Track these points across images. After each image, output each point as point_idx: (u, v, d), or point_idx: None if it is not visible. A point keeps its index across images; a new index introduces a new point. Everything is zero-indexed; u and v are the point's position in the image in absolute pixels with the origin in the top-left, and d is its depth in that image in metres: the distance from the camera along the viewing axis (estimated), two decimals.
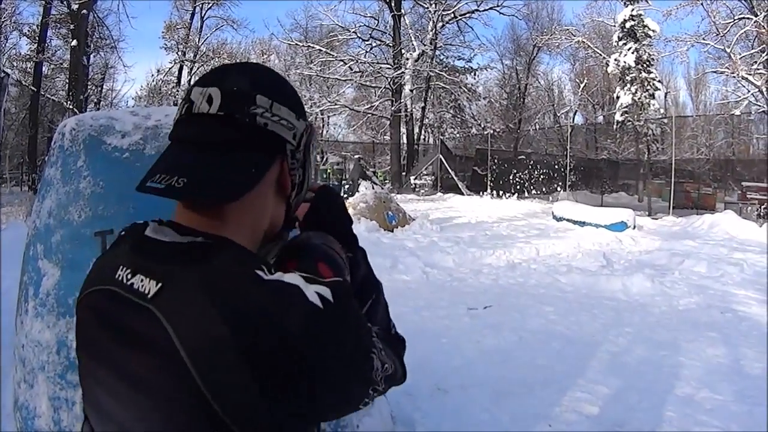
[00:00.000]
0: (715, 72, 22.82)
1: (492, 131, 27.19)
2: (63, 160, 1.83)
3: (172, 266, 0.69)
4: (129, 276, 0.71)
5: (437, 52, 29.50)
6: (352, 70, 29.14)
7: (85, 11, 22.66)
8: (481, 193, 22.06)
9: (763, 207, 14.30)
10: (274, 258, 0.83)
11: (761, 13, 18.50)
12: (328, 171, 25.98)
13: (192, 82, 0.78)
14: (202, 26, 33.66)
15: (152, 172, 0.70)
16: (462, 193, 22.37)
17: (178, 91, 32.66)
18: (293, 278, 0.68)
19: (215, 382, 0.62)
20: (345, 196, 12.45)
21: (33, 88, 23.24)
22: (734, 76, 19.89)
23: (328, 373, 0.66)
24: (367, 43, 29.48)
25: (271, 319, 0.64)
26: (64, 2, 23.42)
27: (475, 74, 30.49)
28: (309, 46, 31.11)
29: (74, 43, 22.71)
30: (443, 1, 28.05)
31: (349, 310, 0.71)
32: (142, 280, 0.69)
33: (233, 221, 0.74)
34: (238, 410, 0.63)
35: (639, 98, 16.62)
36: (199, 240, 0.71)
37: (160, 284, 0.68)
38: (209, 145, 0.72)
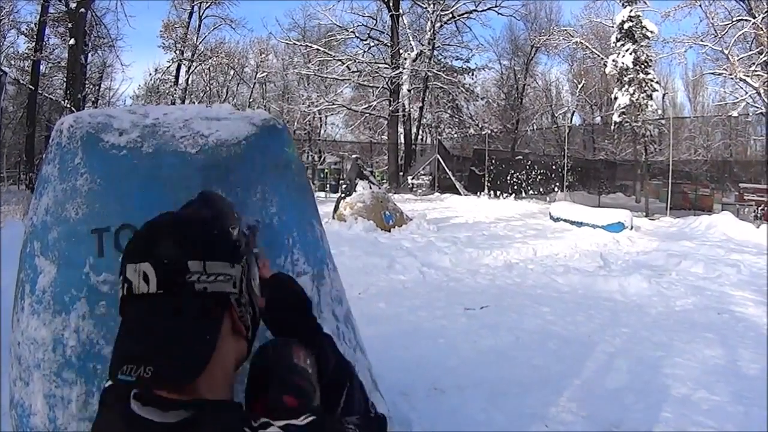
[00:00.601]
0: (712, 73, 22.88)
1: (489, 131, 27.16)
2: (60, 157, 1.82)
3: None
4: None
5: (435, 52, 29.47)
6: (350, 69, 29.12)
7: (83, 10, 22.59)
8: (478, 193, 22.06)
9: (760, 208, 14.34)
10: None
11: (759, 15, 18.55)
12: (326, 171, 25.96)
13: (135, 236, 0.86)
14: (200, 25, 33.61)
15: (118, 360, 0.73)
16: (459, 194, 22.35)
17: (176, 90, 32.64)
18: None
19: None
20: (342, 195, 12.44)
21: (31, 86, 23.18)
22: (732, 78, 19.93)
23: None
24: (365, 42, 29.47)
25: None
26: (62, 1, 23.36)
27: (473, 74, 30.49)
28: (307, 45, 31.12)
29: (72, 41, 22.62)
30: (441, 1, 28.05)
31: None
32: None
33: (206, 379, 0.76)
34: None
35: (637, 99, 16.61)
36: (184, 417, 0.73)
37: None
38: (159, 325, 0.74)
